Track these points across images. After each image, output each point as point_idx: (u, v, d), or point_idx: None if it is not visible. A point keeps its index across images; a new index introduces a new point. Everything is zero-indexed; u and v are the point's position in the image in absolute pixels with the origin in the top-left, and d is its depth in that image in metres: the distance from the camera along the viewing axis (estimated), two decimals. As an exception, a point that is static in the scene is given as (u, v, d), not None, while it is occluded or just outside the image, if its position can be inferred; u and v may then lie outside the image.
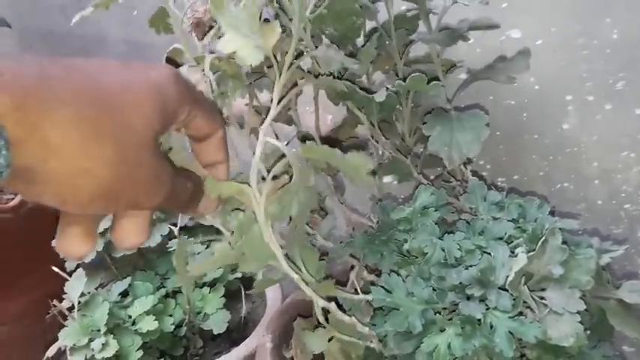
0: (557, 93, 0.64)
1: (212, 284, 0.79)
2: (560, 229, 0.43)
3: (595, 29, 0.59)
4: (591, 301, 0.42)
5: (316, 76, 0.47)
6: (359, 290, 0.52)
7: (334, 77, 0.48)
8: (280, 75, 0.39)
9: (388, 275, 0.47)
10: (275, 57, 0.39)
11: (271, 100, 0.40)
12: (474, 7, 0.56)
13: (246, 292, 0.81)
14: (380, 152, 0.64)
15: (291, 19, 0.40)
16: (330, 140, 0.65)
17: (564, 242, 0.42)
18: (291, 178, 0.41)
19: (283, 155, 0.40)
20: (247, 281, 0.83)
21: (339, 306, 0.51)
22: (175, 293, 0.78)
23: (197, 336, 0.76)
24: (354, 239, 0.54)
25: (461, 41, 0.55)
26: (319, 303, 0.48)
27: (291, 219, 0.44)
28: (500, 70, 0.56)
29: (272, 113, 0.40)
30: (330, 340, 0.53)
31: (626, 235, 0.65)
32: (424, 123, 0.55)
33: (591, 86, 0.62)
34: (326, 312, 0.51)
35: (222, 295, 0.78)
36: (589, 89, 0.62)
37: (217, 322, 0.75)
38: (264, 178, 0.40)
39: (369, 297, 0.47)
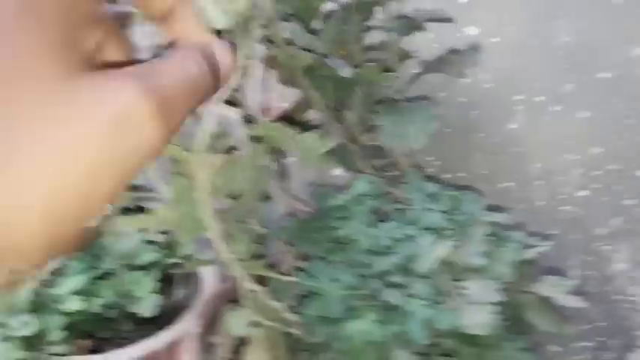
0: (508, 92, 0.63)
1: (146, 267, 0.76)
2: (492, 222, 0.42)
3: (549, 31, 0.59)
4: (513, 295, 0.42)
5: (278, 46, 0.45)
6: (291, 273, 0.51)
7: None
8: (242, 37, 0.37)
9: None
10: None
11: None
12: (433, 1, 0.56)
13: (177, 273, 0.78)
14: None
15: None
16: (286, 122, 0.64)
17: (492, 235, 0.41)
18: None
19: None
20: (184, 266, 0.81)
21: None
22: (108, 275, 0.75)
23: (127, 319, 0.73)
24: (289, 225, 0.52)
25: (418, 36, 0.54)
26: (245, 284, 0.46)
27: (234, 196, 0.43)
28: (452, 63, 0.56)
29: (233, 81, 0.37)
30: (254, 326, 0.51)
31: (561, 236, 0.65)
32: (375, 112, 0.54)
33: (541, 87, 0.62)
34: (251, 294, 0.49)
35: (159, 280, 0.75)
36: (539, 90, 0.62)
37: (149, 305, 0.72)
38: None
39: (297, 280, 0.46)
